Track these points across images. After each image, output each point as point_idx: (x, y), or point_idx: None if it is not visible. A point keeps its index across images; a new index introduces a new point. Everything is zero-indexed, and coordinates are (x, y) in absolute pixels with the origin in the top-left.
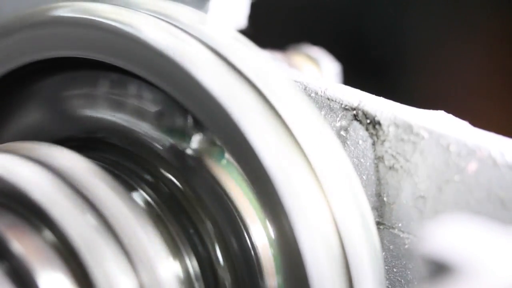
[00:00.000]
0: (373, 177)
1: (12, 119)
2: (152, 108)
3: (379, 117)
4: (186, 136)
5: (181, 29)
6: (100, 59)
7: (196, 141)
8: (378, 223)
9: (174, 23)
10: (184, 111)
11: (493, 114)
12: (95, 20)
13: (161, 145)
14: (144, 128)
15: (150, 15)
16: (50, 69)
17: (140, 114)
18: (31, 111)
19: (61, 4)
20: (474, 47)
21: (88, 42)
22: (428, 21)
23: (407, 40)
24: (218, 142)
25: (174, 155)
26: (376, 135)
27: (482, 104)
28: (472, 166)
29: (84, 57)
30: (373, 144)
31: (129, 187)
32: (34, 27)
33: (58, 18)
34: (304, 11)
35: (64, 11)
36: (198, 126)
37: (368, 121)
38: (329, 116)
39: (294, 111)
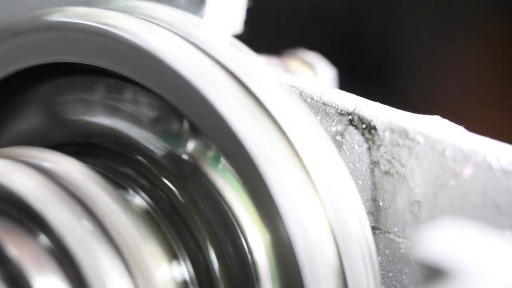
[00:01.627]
0: (368, 182)
1: (8, 125)
2: (148, 113)
3: (374, 122)
4: (181, 141)
5: (177, 34)
6: (96, 64)
7: (191, 146)
8: (373, 228)
9: (169, 28)
10: (180, 116)
11: (489, 119)
12: (91, 25)
13: (157, 150)
14: (140, 133)
15: (146, 20)
16: (46, 74)
17: (136, 119)
18: (27, 116)
19: (57, 9)
20: (470, 52)
21: (84, 47)
22: (424, 25)
23: (403, 45)
24: (214, 147)
25: (170, 160)
26: (372, 140)
27: (478, 109)
28: (468, 171)
29: (80, 62)
30: (369, 149)
31: (125, 192)
32: (29, 32)
33: (54, 23)
34: (300, 16)
35: (60, 16)
36: (194, 131)
37: (364, 126)
38: (325, 121)
39: (289, 116)
